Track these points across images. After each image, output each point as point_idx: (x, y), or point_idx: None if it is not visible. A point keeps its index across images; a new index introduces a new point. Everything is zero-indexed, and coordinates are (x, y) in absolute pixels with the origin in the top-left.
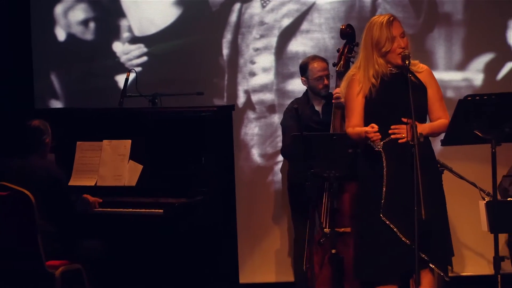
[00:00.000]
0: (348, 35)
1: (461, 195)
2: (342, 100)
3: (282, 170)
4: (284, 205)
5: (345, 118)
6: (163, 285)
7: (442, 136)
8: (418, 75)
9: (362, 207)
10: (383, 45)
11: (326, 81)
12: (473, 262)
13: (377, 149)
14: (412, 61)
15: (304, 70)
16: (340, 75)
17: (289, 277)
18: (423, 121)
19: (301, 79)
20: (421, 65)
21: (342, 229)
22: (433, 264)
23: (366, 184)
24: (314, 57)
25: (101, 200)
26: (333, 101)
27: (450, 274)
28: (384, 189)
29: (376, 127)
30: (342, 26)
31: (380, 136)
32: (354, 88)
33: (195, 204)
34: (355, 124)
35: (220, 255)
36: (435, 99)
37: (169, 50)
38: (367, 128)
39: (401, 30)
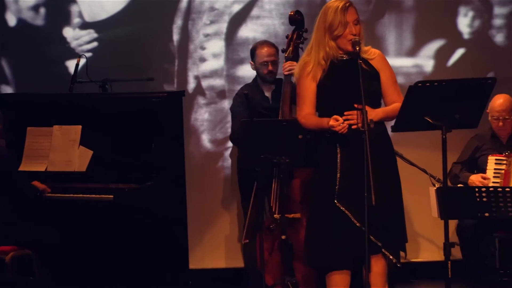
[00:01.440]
0: (297, 21)
1: (412, 182)
2: (294, 73)
3: (232, 155)
4: (234, 191)
5: (297, 106)
6: (113, 270)
7: (392, 122)
8: (370, 61)
9: (317, 193)
10: (335, 28)
11: (270, 67)
12: (423, 248)
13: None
14: (363, 48)
15: (252, 54)
16: (289, 61)
17: (239, 263)
18: (376, 106)
19: (250, 63)
20: (373, 50)
21: (292, 215)
22: (385, 250)
23: (321, 170)
24: (263, 42)
25: (49, 190)
26: (284, 72)
27: (401, 260)
28: (339, 175)
29: (340, 119)
30: (291, 12)
31: (347, 126)
32: (305, 76)
33: (145, 189)
34: (308, 113)
35: (170, 241)
36: (388, 83)
37: (120, 35)
38: (331, 122)
39: (355, 17)
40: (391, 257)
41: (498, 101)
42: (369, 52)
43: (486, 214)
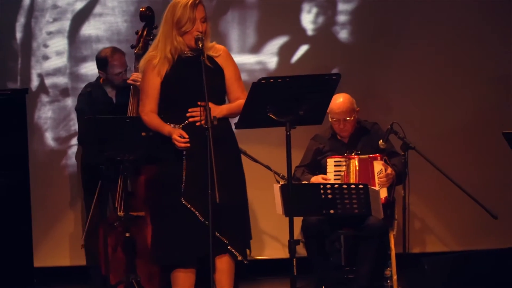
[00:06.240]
0: (147, 17)
1: (256, 179)
2: (139, 84)
3: (76, 153)
4: (78, 189)
5: (140, 101)
6: None
7: (236, 119)
8: (215, 58)
9: (162, 190)
10: (183, 24)
11: (125, 76)
12: (268, 245)
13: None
14: (208, 45)
15: (103, 64)
16: (138, 58)
17: (83, 261)
18: (221, 103)
19: (99, 71)
20: (218, 46)
21: (136, 213)
22: (232, 247)
23: (165, 167)
24: (114, 52)
25: None
26: (128, 81)
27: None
28: (184, 172)
29: (186, 137)
30: (142, 8)
31: (188, 145)
32: (151, 71)
33: None
34: (151, 110)
35: (15, 239)
36: (232, 79)
37: None
38: (176, 136)
39: (203, 14)
40: (237, 254)
41: (338, 101)
42: (214, 48)
43: (331, 211)
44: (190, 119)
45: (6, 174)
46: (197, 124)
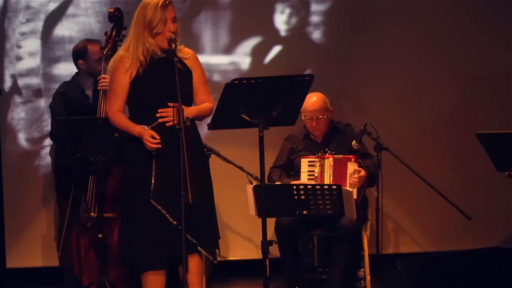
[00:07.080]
0: (116, 18)
1: (229, 179)
2: (107, 88)
3: (50, 154)
4: (51, 189)
5: (107, 99)
6: None
7: (208, 119)
8: (184, 60)
9: (130, 191)
10: (155, 26)
11: (104, 64)
12: (241, 246)
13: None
14: (178, 46)
15: (82, 53)
16: (107, 58)
17: (56, 262)
18: (189, 105)
19: (79, 62)
20: (187, 50)
21: (106, 214)
22: (201, 248)
23: (134, 168)
24: (89, 40)
25: None
26: (98, 87)
27: (217, 258)
28: (154, 173)
29: (158, 138)
30: (111, 9)
31: (160, 146)
32: (121, 71)
33: None
34: (118, 109)
35: None
36: (200, 83)
37: None
38: (147, 137)
39: (173, 14)
40: (207, 254)
41: (311, 100)
42: (183, 51)
43: (304, 212)
44: (160, 120)
45: None
46: (168, 124)
